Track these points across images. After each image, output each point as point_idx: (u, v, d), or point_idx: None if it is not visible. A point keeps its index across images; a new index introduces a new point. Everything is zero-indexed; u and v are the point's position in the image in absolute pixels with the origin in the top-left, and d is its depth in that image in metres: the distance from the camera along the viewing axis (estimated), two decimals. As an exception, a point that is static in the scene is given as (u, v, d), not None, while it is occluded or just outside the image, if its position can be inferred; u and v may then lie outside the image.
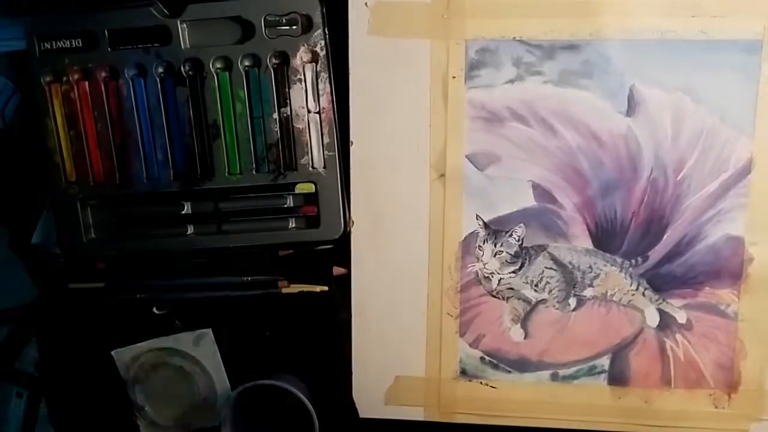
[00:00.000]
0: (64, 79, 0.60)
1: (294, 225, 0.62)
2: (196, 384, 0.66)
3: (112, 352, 0.66)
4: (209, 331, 0.65)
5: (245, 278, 0.64)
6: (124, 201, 0.62)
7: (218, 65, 0.60)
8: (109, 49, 0.60)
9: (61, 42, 0.60)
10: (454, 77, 0.59)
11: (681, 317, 0.60)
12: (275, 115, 0.60)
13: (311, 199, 0.61)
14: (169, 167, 0.61)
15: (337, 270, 0.62)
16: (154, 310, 0.65)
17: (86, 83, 0.60)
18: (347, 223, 0.61)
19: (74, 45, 0.60)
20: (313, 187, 0.60)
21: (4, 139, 0.65)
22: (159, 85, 0.60)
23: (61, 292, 0.65)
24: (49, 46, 0.60)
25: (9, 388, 0.69)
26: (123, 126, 0.60)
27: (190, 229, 0.62)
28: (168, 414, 0.67)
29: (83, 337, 0.67)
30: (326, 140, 0.60)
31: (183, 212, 0.62)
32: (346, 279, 0.62)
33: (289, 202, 0.62)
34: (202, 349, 0.66)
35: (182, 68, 0.60)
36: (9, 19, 0.61)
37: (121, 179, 0.61)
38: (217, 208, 0.61)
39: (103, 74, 0.60)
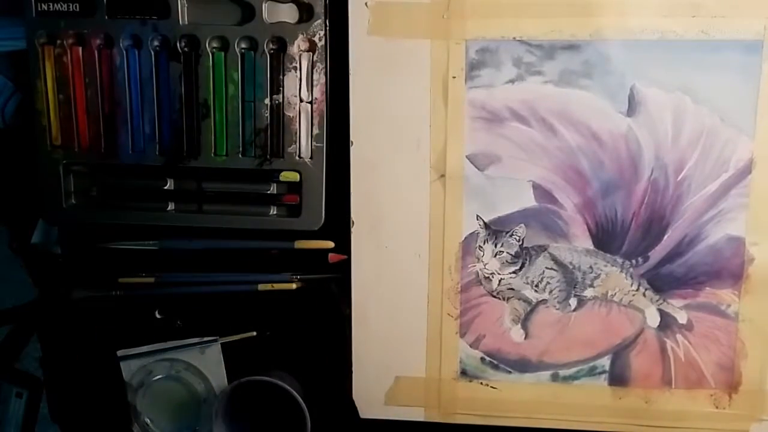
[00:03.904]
0: (58, 42, 0.60)
1: (275, 212, 0.62)
2: (195, 389, 0.66)
3: (118, 352, 0.66)
4: (216, 339, 0.65)
5: (246, 277, 0.63)
6: (108, 170, 0.61)
7: (215, 44, 0.59)
8: (106, 17, 0.59)
9: (59, 4, 0.59)
10: (454, 77, 0.59)
11: (681, 317, 0.60)
12: (267, 101, 0.59)
13: (294, 188, 0.61)
14: (155, 141, 0.60)
15: (334, 257, 0.62)
16: (156, 314, 0.65)
17: (80, 49, 0.60)
18: (348, 218, 0.60)
19: (71, 9, 0.59)
20: (298, 176, 0.60)
21: (4, 139, 0.65)
22: (153, 59, 0.59)
23: (61, 294, 0.65)
24: (46, 8, 0.59)
25: (9, 388, 0.69)
26: (113, 95, 0.60)
27: (171, 206, 0.62)
28: (167, 418, 0.67)
29: (84, 337, 0.67)
30: (315, 131, 0.60)
31: (165, 188, 0.61)
32: (346, 278, 0.62)
33: (273, 189, 0.61)
34: (207, 357, 0.65)
35: (178, 44, 0.59)
36: (9, 19, 0.61)
37: (106, 148, 0.61)
38: (200, 188, 0.61)
39: (98, 42, 0.60)
